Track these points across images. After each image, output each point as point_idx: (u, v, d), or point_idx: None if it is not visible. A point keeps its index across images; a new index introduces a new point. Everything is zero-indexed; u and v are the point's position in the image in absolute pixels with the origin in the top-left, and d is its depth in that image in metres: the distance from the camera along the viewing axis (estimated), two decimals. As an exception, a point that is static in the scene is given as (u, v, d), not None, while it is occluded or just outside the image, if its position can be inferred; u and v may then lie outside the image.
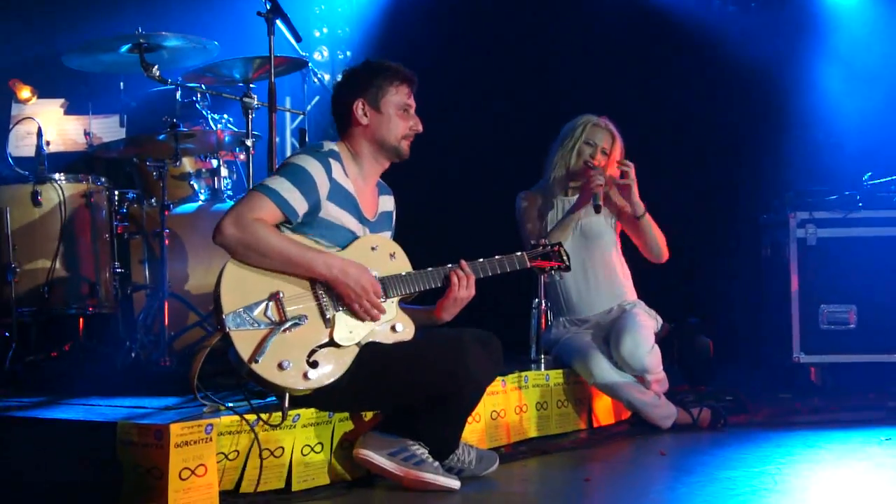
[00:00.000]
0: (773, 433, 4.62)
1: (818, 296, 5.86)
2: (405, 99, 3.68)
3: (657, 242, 4.88)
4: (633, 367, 4.61)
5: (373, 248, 3.61)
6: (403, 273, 3.61)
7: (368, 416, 3.71)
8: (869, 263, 5.84)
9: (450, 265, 3.66)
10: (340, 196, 3.56)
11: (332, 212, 3.53)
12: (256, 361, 3.26)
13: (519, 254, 3.83)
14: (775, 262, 6.22)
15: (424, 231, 5.88)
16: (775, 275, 6.22)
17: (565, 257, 3.93)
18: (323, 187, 3.50)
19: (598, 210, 4.69)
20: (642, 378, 4.65)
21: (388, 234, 3.82)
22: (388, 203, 3.86)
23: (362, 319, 3.46)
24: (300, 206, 3.44)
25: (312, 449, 3.51)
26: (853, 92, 6.92)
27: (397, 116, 3.66)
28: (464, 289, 3.64)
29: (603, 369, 4.64)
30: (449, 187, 7.06)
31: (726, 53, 7.02)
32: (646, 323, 4.73)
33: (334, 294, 3.44)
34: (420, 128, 3.70)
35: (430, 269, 3.64)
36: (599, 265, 4.92)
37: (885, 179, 5.98)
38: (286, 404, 3.35)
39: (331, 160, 3.56)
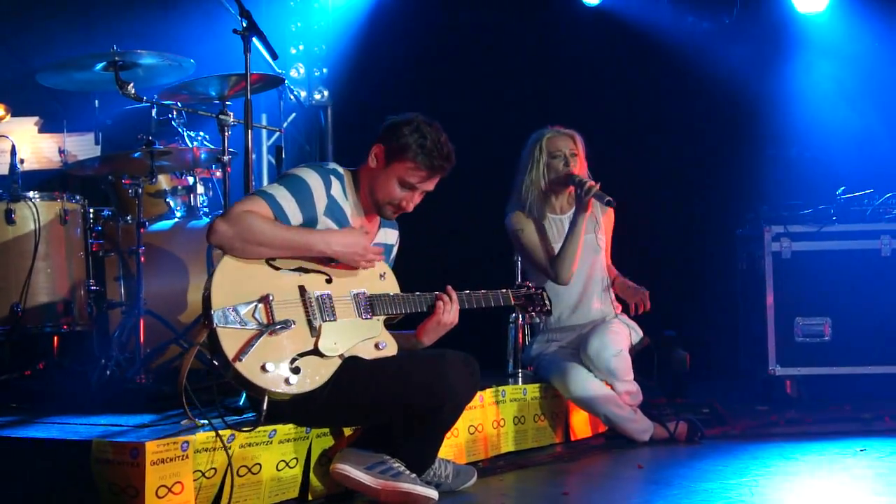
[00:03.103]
0: (750, 445, 4.64)
1: (793, 308, 5.91)
2: (413, 179, 3.63)
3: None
4: (599, 369, 4.63)
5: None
6: (391, 294, 3.65)
7: (348, 432, 3.71)
8: (843, 276, 5.90)
9: (437, 292, 3.72)
10: (337, 214, 3.60)
11: (329, 228, 3.56)
12: (240, 360, 3.27)
13: (504, 291, 3.94)
14: (751, 276, 6.26)
15: (414, 255, 5.88)
16: (751, 288, 6.26)
17: (548, 302, 4.05)
18: (320, 202, 3.54)
19: (611, 204, 4.72)
20: (612, 385, 4.66)
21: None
22: (390, 236, 3.90)
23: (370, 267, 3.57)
24: (294, 216, 3.48)
25: (287, 464, 3.50)
26: (827, 107, 6.99)
27: (394, 183, 3.65)
28: (448, 314, 3.70)
29: (578, 385, 4.65)
30: (440, 209, 7.03)
31: (701, 69, 7.07)
32: (617, 329, 4.78)
33: (323, 302, 3.47)
34: (409, 209, 3.70)
35: (417, 293, 3.70)
36: (596, 279, 4.95)
37: (858, 193, 6.04)
38: (264, 408, 3.34)
39: (332, 178, 3.61)
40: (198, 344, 3.37)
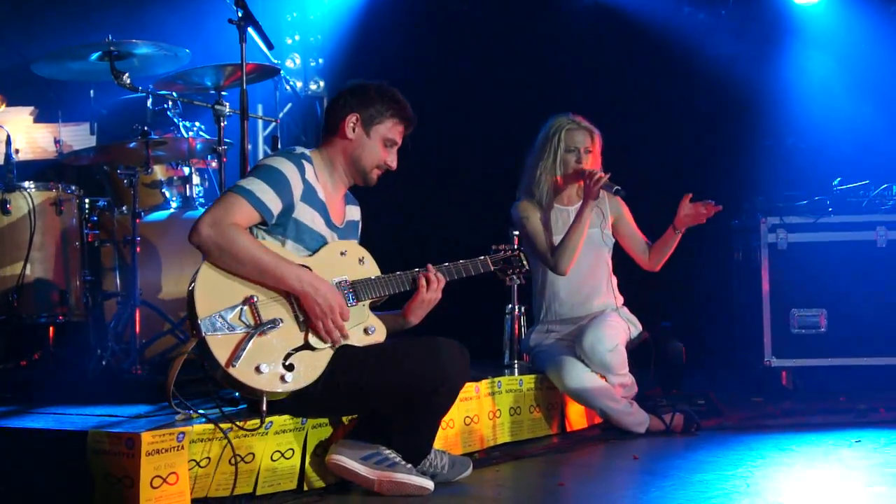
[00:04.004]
0: (745, 436, 4.64)
1: (789, 300, 5.90)
2: (395, 136, 3.73)
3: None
4: (593, 362, 4.63)
5: (342, 253, 3.64)
6: (373, 277, 3.64)
7: (346, 421, 3.71)
8: (839, 268, 5.89)
9: (417, 269, 3.72)
10: (312, 198, 3.60)
11: (305, 213, 3.56)
12: (234, 366, 3.26)
13: (482, 258, 3.91)
14: (747, 267, 6.26)
15: (396, 236, 5.88)
16: (747, 279, 6.26)
17: (525, 262, 4.00)
18: (297, 188, 3.53)
19: (619, 193, 4.73)
20: (606, 378, 4.66)
21: (354, 242, 3.84)
22: (354, 213, 3.91)
23: (324, 340, 3.45)
24: (275, 205, 3.46)
25: (283, 455, 3.50)
26: (823, 97, 6.98)
27: (380, 146, 3.70)
28: (432, 291, 3.70)
29: (574, 379, 4.64)
30: (421, 192, 7.07)
31: (697, 59, 7.06)
32: (614, 323, 4.77)
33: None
34: (394, 166, 3.76)
35: (398, 272, 3.70)
36: (601, 273, 4.95)
37: (854, 184, 6.04)
38: (265, 408, 3.34)
39: (304, 162, 3.60)
40: (185, 353, 3.36)
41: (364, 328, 3.57)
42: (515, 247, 4.03)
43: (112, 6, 6.43)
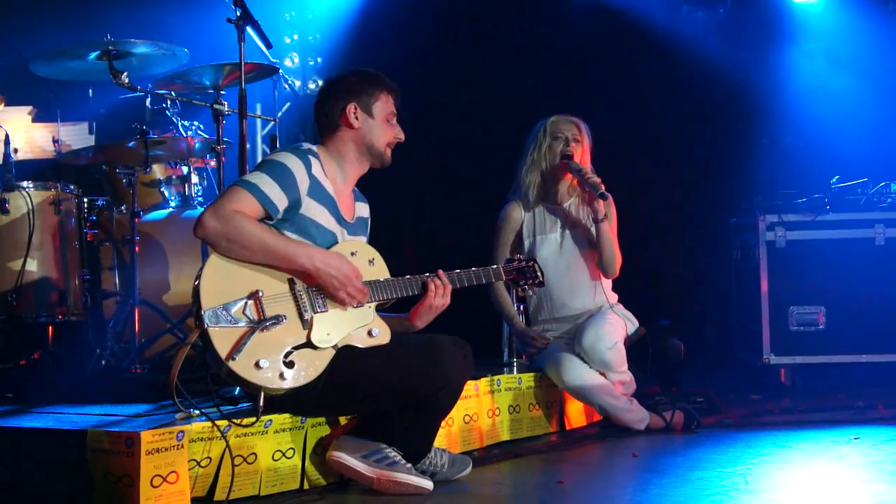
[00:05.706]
0: (744, 434, 4.65)
1: (788, 297, 5.91)
2: (392, 108, 3.78)
3: (612, 252, 4.87)
4: (593, 360, 4.64)
5: (352, 254, 3.64)
6: (382, 279, 3.64)
7: (344, 420, 3.71)
8: (837, 265, 5.90)
9: (427, 274, 3.71)
10: (320, 193, 3.60)
11: (312, 208, 3.56)
12: (234, 359, 3.26)
13: (495, 267, 3.92)
14: (745, 265, 6.27)
15: (402, 239, 5.88)
16: (745, 277, 6.27)
17: (539, 273, 4.01)
18: (303, 183, 3.53)
19: (605, 198, 4.71)
20: (605, 375, 4.67)
21: (364, 239, 3.86)
22: (363, 210, 3.91)
23: (347, 305, 3.48)
24: (280, 200, 3.46)
25: (284, 454, 3.51)
26: (821, 96, 6.99)
27: (384, 124, 3.74)
28: (439, 297, 3.69)
29: (573, 375, 4.65)
30: (426, 194, 7.07)
31: (695, 58, 7.07)
32: (612, 321, 4.77)
33: (313, 294, 3.47)
34: (402, 137, 3.79)
35: (407, 276, 3.69)
36: (584, 271, 4.93)
37: (852, 182, 6.04)
38: (261, 404, 3.34)
39: (310, 157, 3.60)
40: (188, 344, 3.37)
41: (368, 330, 3.57)
42: (530, 257, 4.05)
43: (111, 5, 6.43)
